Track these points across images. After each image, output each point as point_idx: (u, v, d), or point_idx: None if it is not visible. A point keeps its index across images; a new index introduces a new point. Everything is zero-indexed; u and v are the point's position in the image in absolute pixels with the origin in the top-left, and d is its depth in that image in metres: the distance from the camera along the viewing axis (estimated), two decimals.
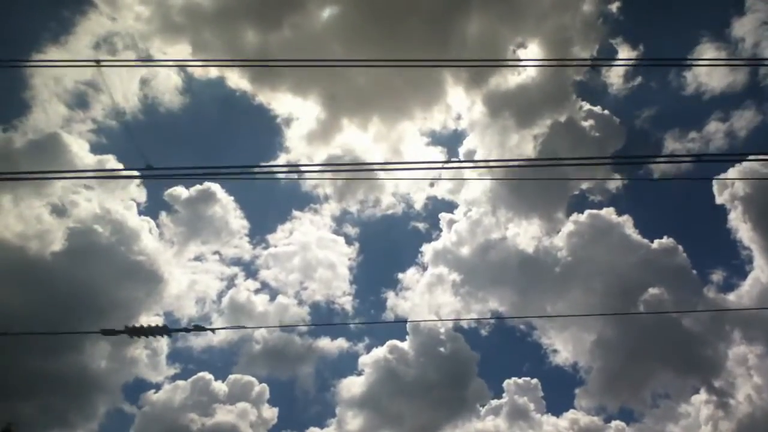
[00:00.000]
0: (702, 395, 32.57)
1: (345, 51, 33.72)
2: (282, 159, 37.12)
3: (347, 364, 37.14)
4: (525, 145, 36.61)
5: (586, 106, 37.36)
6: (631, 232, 35.94)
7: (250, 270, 37.64)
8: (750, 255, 35.40)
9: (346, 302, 37.18)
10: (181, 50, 33.72)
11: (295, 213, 39.11)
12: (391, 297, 37.77)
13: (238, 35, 34.37)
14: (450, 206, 40.49)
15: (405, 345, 34.09)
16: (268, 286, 36.79)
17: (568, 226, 36.27)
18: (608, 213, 36.28)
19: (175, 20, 33.51)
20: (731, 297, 34.91)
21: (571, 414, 33.13)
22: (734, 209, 34.62)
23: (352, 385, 34.05)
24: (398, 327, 37.40)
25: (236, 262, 37.15)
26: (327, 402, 35.05)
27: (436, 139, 40.34)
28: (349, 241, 39.21)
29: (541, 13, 36.80)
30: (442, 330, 34.18)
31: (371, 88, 33.90)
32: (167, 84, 36.15)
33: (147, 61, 35.17)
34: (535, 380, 34.19)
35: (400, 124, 37.59)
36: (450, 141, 40.72)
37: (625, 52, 39.05)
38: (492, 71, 36.17)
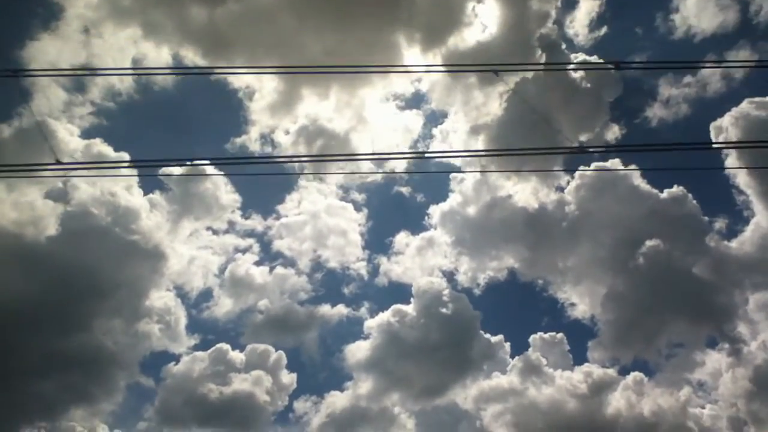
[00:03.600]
0: (717, 343, 33.28)
1: (295, 20, 33.54)
2: (253, 132, 37.68)
3: (353, 330, 37.97)
4: (491, 102, 36.35)
5: (576, 56, 36.81)
6: (639, 182, 35.89)
7: (263, 241, 38.45)
8: (747, 200, 35.60)
9: (361, 267, 37.95)
10: (133, 33, 34.16)
11: (301, 183, 39.54)
12: (401, 259, 38.46)
13: (186, 13, 34.27)
14: (450, 167, 40.59)
15: (410, 308, 34.71)
16: (282, 255, 37.66)
17: (576, 180, 36.29)
18: (614, 164, 36.03)
19: (124, 4, 33.72)
20: (734, 244, 35.07)
21: (585, 367, 33.52)
22: (730, 155, 34.57)
23: (363, 349, 34.87)
24: (402, 291, 38.17)
25: (250, 233, 38.12)
26: (342, 366, 35.95)
27: (398, 103, 40.03)
28: (357, 207, 39.72)
29: None
30: (446, 292, 34.79)
31: (326, 55, 33.72)
32: (159, 63, 36.36)
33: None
34: (560, 334, 34.62)
35: (361, 91, 37.37)
36: (413, 103, 40.73)
37: (587, 3, 38.78)
38: (450, 30, 35.79)
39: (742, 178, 34.55)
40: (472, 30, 35.86)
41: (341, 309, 36.48)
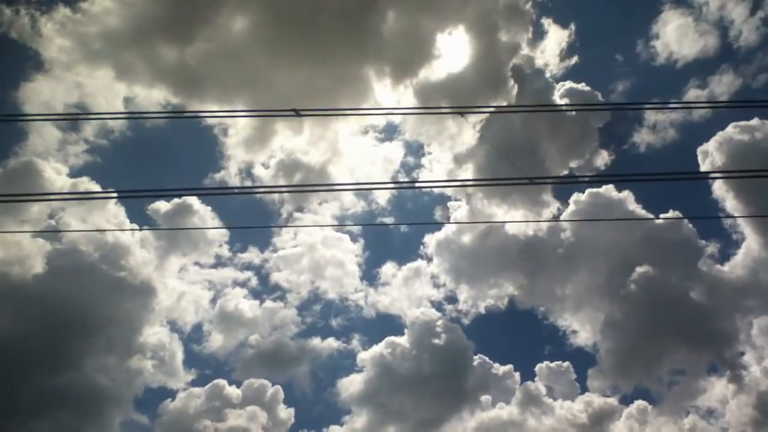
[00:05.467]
0: (718, 369, 33.16)
1: (264, 56, 34.20)
2: (231, 167, 38.02)
3: (346, 363, 37.69)
4: (465, 132, 36.66)
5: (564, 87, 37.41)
6: (633, 207, 35.96)
7: (261, 273, 38.54)
8: (736, 224, 35.94)
9: (359, 298, 37.93)
10: (105, 75, 34.88)
11: (297, 215, 39.72)
12: (395, 291, 38.43)
13: (156, 53, 34.97)
14: (443, 198, 40.90)
15: (403, 340, 34.51)
16: (280, 288, 37.80)
17: (570, 207, 36.45)
18: (608, 190, 36.33)
19: (95, 47, 34.35)
20: (726, 268, 35.25)
21: (587, 396, 33.33)
22: (717, 179, 35.08)
23: (356, 383, 34.52)
24: (395, 323, 38.11)
25: (247, 266, 38.22)
26: (339, 400, 35.53)
27: (373, 134, 40.59)
28: (353, 238, 39.85)
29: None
30: (440, 323, 34.67)
31: (297, 92, 34.09)
32: (149, 102, 36.91)
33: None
34: (566, 363, 34.56)
35: (334, 124, 37.66)
36: (386, 135, 41.21)
37: (557, 33, 39.44)
38: (420, 62, 36.25)
39: (730, 203, 34.85)
40: (443, 62, 36.15)
41: (331, 342, 36.40)
